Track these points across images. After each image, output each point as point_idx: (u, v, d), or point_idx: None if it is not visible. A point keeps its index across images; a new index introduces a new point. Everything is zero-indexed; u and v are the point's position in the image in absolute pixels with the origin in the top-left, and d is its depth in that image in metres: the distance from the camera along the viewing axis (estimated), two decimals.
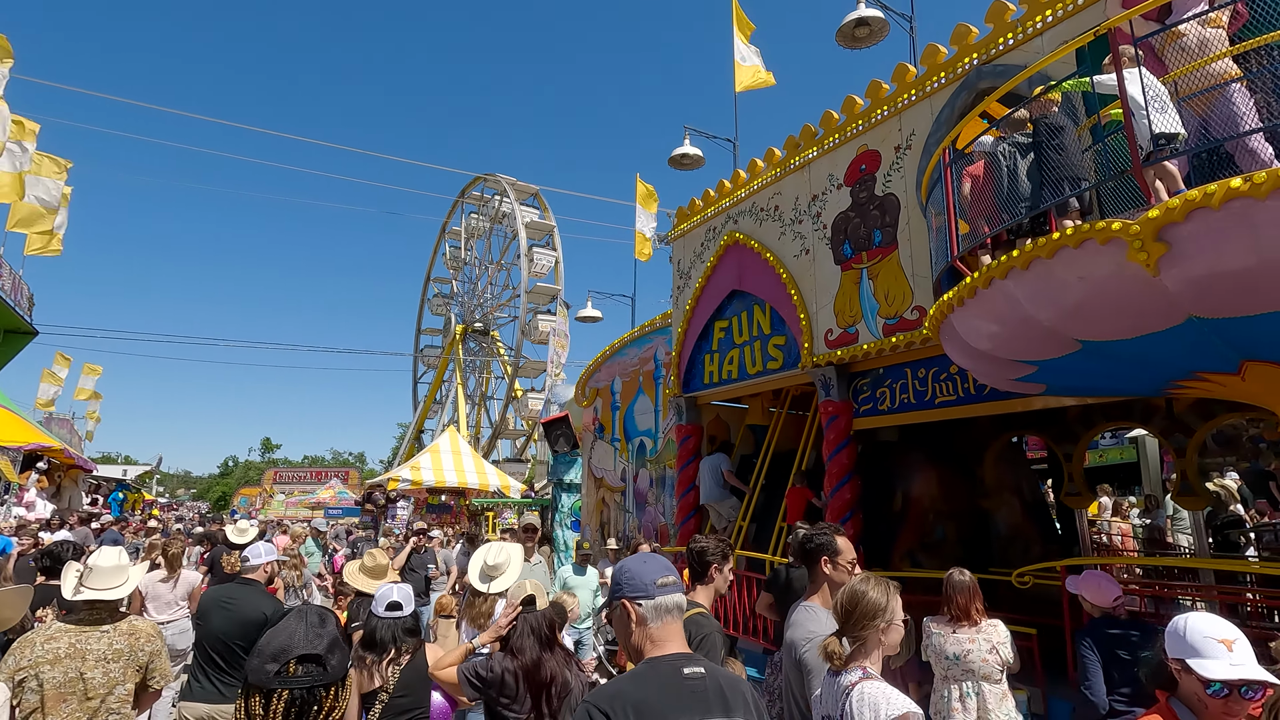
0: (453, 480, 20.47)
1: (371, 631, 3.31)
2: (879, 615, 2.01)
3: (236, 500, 51.38)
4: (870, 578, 2.12)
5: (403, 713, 3.17)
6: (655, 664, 1.71)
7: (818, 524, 2.70)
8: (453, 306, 37.65)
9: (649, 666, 1.71)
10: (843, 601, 2.09)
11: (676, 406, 9.24)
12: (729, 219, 8.61)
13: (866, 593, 2.06)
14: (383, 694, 3.17)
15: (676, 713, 1.60)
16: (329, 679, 1.51)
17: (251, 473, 65.67)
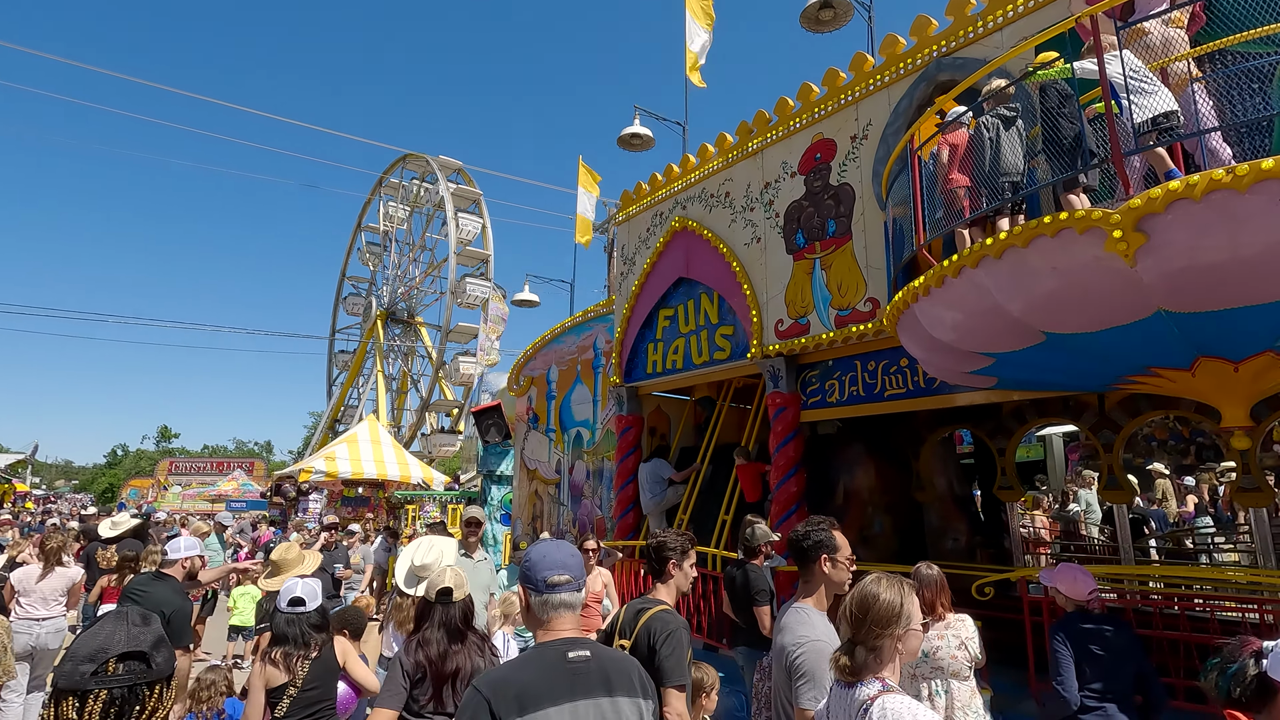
0: (371, 472, 19.44)
1: (279, 627, 3.33)
2: (895, 621, 1.80)
3: (125, 493, 47.42)
4: (882, 578, 1.90)
5: (310, 705, 3.24)
6: (542, 649, 1.78)
7: (811, 518, 2.48)
8: (373, 292, 35.87)
9: (536, 651, 1.79)
10: (852, 607, 1.86)
11: (617, 396, 8.96)
12: (677, 204, 8.38)
13: (879, 595, 1.85)
14: (290, 689, 3.20)
15: (557, 694, 1.67)
16: (153, 676, 1.49)
17: (144, 462, 60.77)
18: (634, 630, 2.54)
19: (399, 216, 35.30)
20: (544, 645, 1.80)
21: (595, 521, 9.49)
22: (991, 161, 3.69)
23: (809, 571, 2.42)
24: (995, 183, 3.75)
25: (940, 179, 4.17)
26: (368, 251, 36.46)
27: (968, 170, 3.94)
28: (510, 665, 1.82)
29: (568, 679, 1.71)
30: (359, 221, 37.50)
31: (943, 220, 4.19)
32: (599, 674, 1.75)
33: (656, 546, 2.76)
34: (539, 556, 1.89)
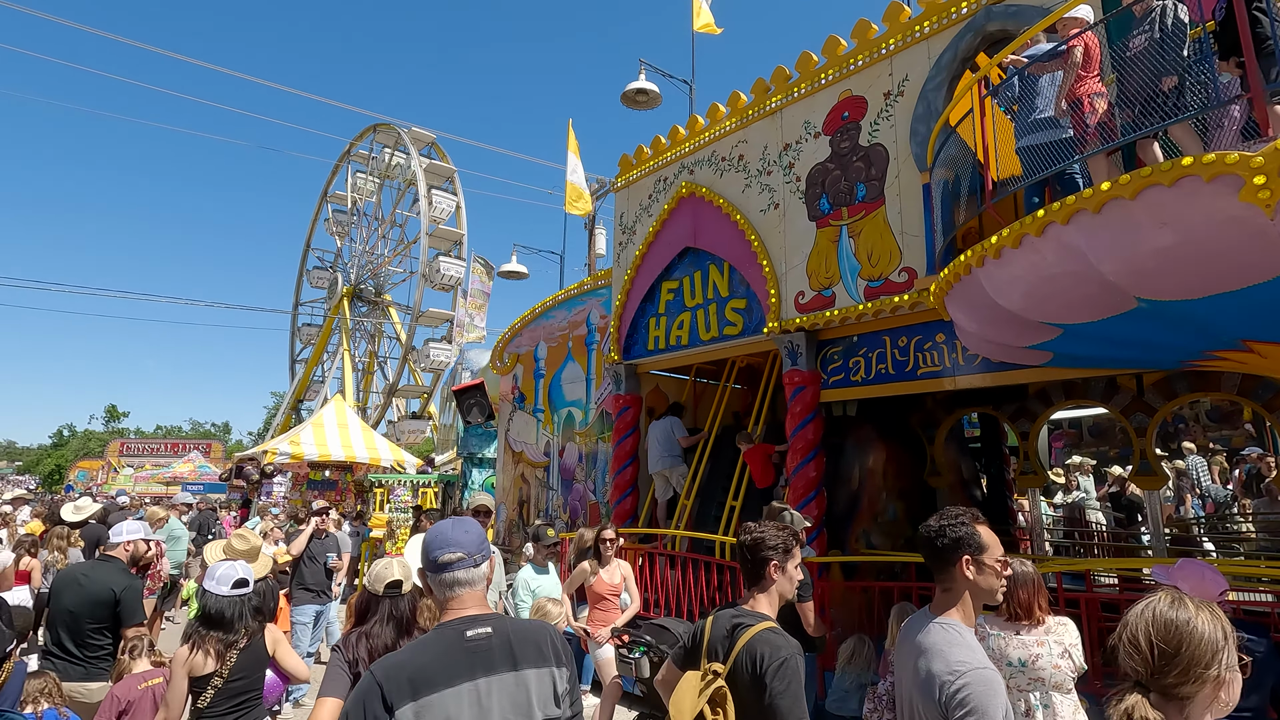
0: (339, 454, 18.54)
1: (219, 611, 3.10)
2: (1216, 659, 1.32)
3: (73, 475, 45.25)
4: (1186, 600, 1.41)
5: (236, 696, 3.05)
6: (442, 629, 1.73)
7: (947, 510, 1.98)
8: (339, 267, 34.42)
9: (436, 632, 1.73)
10: (1151, 638, 1.36)
11: (614, 375, 8.40)
12: (684, 169, 7.81)
13: (1195, 625, 1.35)
14: (216, 679, 3.01)
15: (455, 674, 1.61)
16: None
17: (93, 444, 58.16)
18: (730, 653, 2.03)
19: (368, 189, 33.84)
20: (443, 625, 1.73)
21: (589, 507, 8.96)
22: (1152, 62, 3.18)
23: (948, 577, 1.93)
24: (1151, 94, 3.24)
25: (1060, 96, 3.67)
26: (334, 223, 34.92)
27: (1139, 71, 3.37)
28: (408, 648, 1.73)
29: (466, 658, 1.65)
30: (325, 190, 35.90)
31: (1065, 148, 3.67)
32: (501, 649, 1.69)
33: (752, 544, 2.24)
34: (433, 536, 1.81)
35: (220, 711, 3.02)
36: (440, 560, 1.76)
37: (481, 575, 1.81)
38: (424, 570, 1.82)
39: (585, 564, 5.17)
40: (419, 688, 1.59)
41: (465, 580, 1.77)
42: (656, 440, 7.94)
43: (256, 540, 4.28)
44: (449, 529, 1.83)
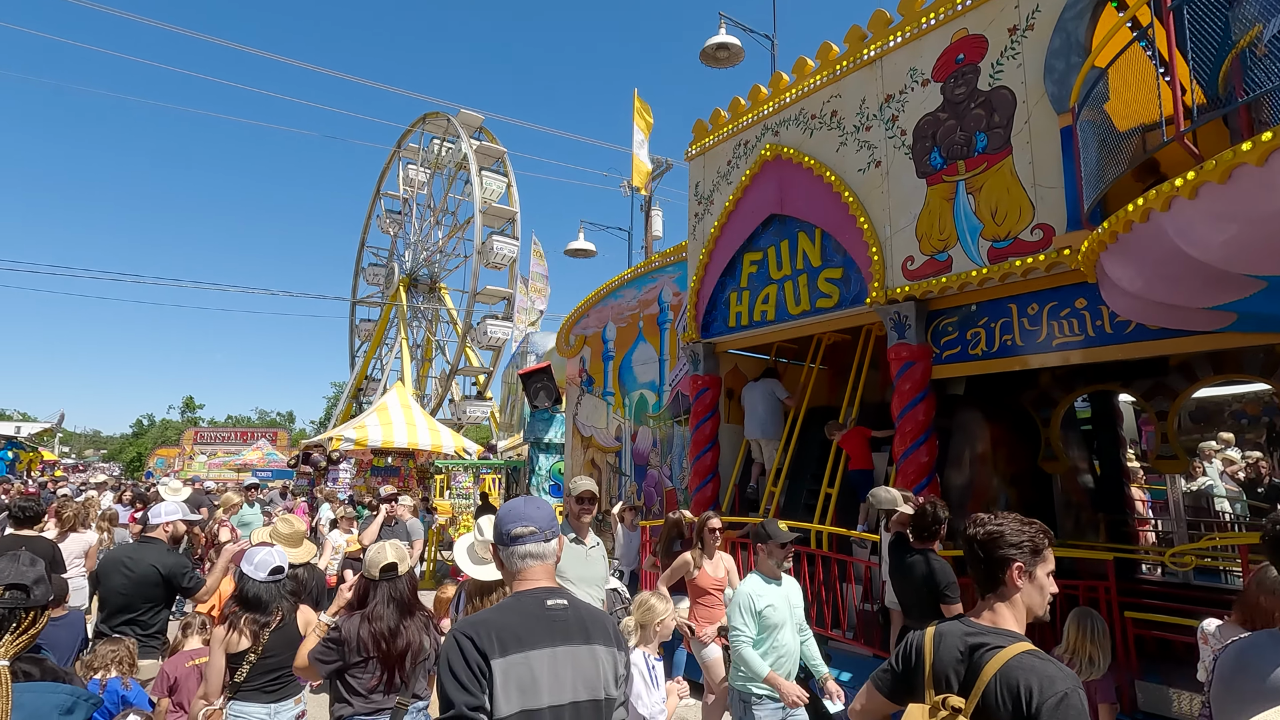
0: (402, 440, 18.70)
1: (255, 594, 3.27)
2: None
3: (153, 461, 47.53)
4: None
5: (270, 672, 3.20)
6: (520, 596, 1.77)
7: None
8: (395, 258, 34.86)
9: (515, 599, 1.78)
10: None
11: (691, 354, 7.93)
12: (767, 130, 7.24)
13: None
14: (250, 655, 3.17)
15: (537, 638, 1.67)
16: (30, 603, 1.91)
17: (169, 432, 61.07)
18: (974, 683, 1.55)
19: (419, 181, 34.09)
20: (521, 594, 1.79)
21: (665, 494, 8.55)
22: None
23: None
24: None
25: None
26: (387, 219, 35.34)
27: None
28: (490, 610, 1.78)
29: (547, 626, 1.70)
30: (378, 188, 36.34)
31: None
32: (576, 623, 1.75)
33: (986, 540, 1.72)
34: (504, 512, 1.90)
35: (256, 686, 3.16)
36: (513, 533, 1.82)
37: (552, 550, 1.86)
38: (496, 544, 1.88)
39: (688, 555, 4.75)
40: (507, 645, 1.63)
41: (537, 554, 1.82)
42: (760, 401, 7.53)
43: (300, 525, 4.40)
44: (521, 505, 1.90)
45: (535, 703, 1.60)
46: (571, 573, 3.69)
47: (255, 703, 3.13)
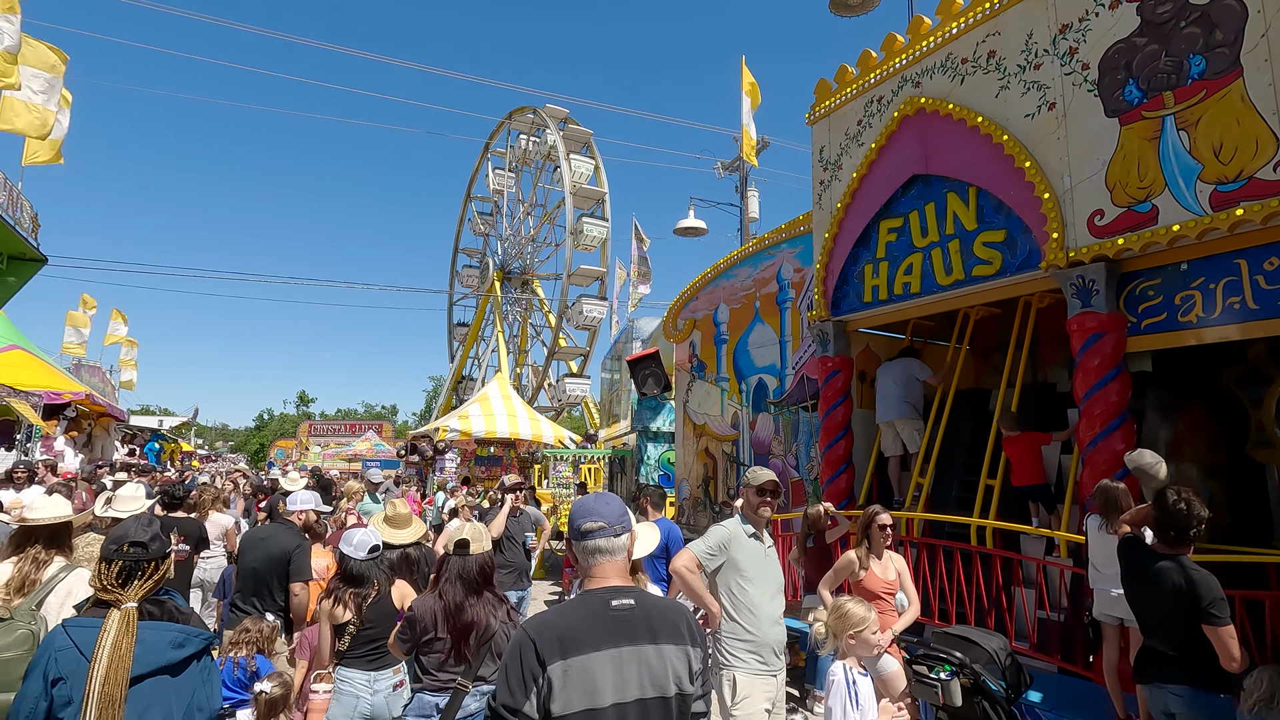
0: (504, 430, 18.91)
1: (353, 570, 3.54)
2: None
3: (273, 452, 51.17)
4: None
5: (370, 643, 3.39)
6: (587, 596, 1.81)
7: None
8: (488, 253, 35.65)
9: (581, 598, 1.81)
10: None
11: (820, 334, 7.31)
12: (905, 82, 6.50)
13: None
14: (351, 626, 3.38)
15: (600, 639, 1.69)
16: (148, 556, 2.22)
17: (287, 425, 65.60)
18: None
19: (507, 181, 34.70)
20: (587, 593, 1.81)
21: (791, 485, 7.99)
22: None
23: None
24: None
25: None
26: (479, 221, 36.18)
27: None
28: (555, 610, 1.81)
29: (610, 626, 1.72)
30: (468, 191, 37.20)
31: None
32: (643, 621, 1.75)
33: None
34: (577, 508, 1.93)
35: (357, 655, 3.37)
36: (582, 529, 1.85)
37: (621, 545, 1.87)
38: (570, 539, 1.92)
39: (852, 555, 4.22)
40: (567, 648, 1.66)
41: (605, 549, 1.84)
42: (893, 383, 6.88)
43: (407, 509, 4.69)
44: (592, 501, 1.92)
45: (598, 702, 1.64)
46: (751, 571, 3.26)
47: (358, 670, 3.35)
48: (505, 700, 1.63)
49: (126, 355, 29.76)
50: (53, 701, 1.99)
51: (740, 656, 3.19)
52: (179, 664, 2.14)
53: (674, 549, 5.09)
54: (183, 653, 2.15)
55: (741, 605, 3.24)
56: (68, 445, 16.68)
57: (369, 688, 3.31)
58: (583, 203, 27.52)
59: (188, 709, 2.14)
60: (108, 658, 2.00)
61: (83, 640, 2.03)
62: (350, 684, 3.30)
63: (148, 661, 2.07)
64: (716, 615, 3.24)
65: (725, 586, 3.29)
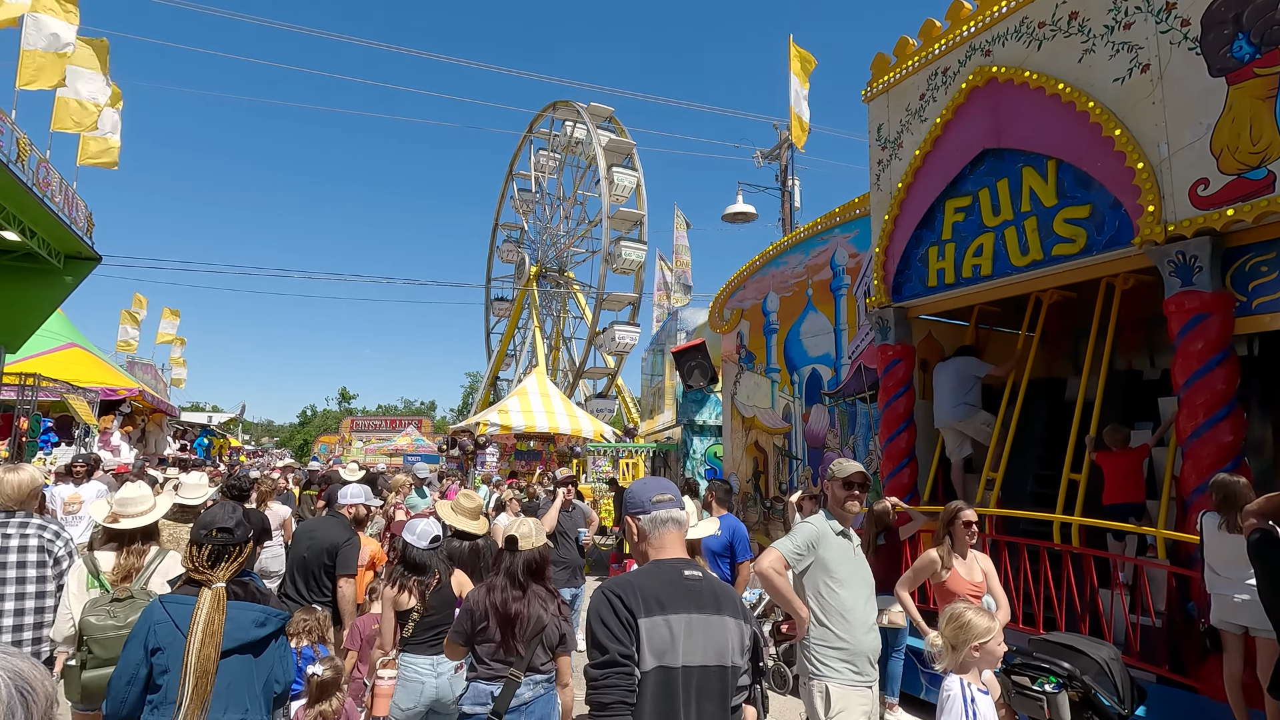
0: (543, 425, 18.89)
1: (418, 559, 3.62)
2: None
3: (317, 447, 52.30)
4: None
5: (431, 629, 3.46)
6: (660, 564, 1.92)
7: None
8: (525, 247, 35.68)
9: (654, 565, 1.92)
10: None
11: (879, 322, 6.96)
12: (973, 51, 6.11)
13: None
14: (414, 613, 3.49)
15: (675, 603, 1.81)
16: (234, 540, 2.40)
17: (329, 421, 67.06)
18: None
19: (550, 166, 34.57)
20: (660, 561, 1.91)
21: None
22: None
23: None
24: None
25: None
26: (519, 200, 36.15)
27: None
28: (632, 574, 1.92)
29: (685, 593, 1.82)
30: (510, 170, 37.19)
31: None
32: (710, 593, 1.86)
33: None
34: (639, 487, 2.05)
35: (420, 641, 3.42)
36: (654, 499, 1.98)
37: (683, 517, 2.00)
38: (634, 513, 2.00)
39: (933, 553, 3.91)
40: (650, 606, 1.77)
41: (676, 519, 1.97)
42: (946, 387, 6.49)
43: (479, 500, 4.57)
44: (653, 481, 2.06)
45: (671, 661, 1.73)
46: (841, 571, 2.99)
47: (421, 655, 3.41)
48: (618, 649, 1.71)
49: (177, 353, 30.63)
50: (151, 669, 2.21)
51: (833, 665, 2.92)
52: (260, 641, 2.33)
53: (739, 546, 4.84)
54: (264, 631, 2.34)
55: (832, 609, 2.99)
56: (123, 440, 17.16)
57: (432, 671, 3.38)
58: (621, 224, 26.95)
59: (266, 681, 2.35)
60: (201, 632, 2.20)
61: (178, 615, 2.24)
62: (414, 669, 3.36)
63: (235, 638, 2.26)
64: (805, 620, 2.98)
65: (813, 589, 3.03)
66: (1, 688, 0.87)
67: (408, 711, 3.31)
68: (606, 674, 1.72)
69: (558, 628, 3.01)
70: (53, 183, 9.50)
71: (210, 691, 2.18)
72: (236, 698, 2.24)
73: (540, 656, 2.94)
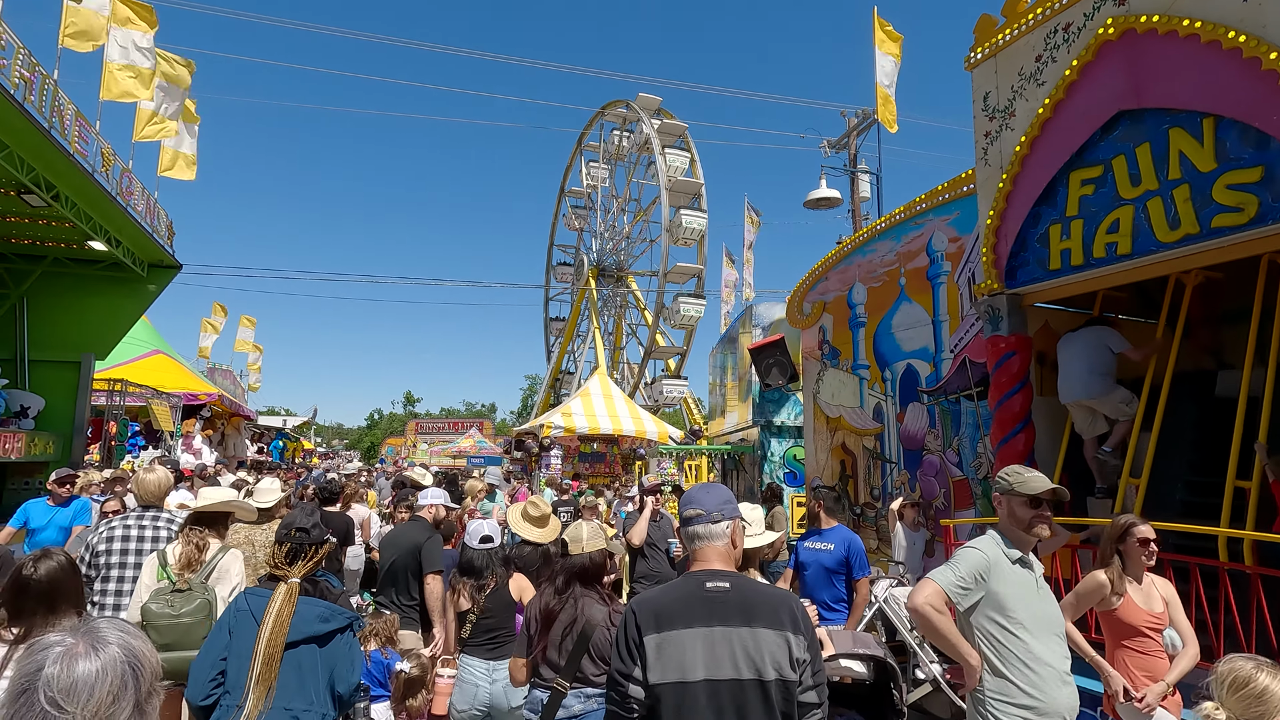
0: (607, 427, 18.62)
1: (468, 560, 3.67)
2: None
3: (384, 450, 53.74)
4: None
5: (489, 631, 3.50)
6: (686, 577, 1.94)
7: None
8: (583, 249, 35.69)
9: (680, 579, 1.96)
10: None
11: (989, 311, 6.29)
12: (1102, 1, 5.40)
13: None
14: (471, 615, 3.53)
15: (691, 618, 1.79)
16: (309, 540, 2.63)
17: (395, 424, 68.94)
18: None
19: (601, 175, 34.55)
20: (686, 575, 1.93)
21: (954, 485, 7.00)
22: None
23: None
24: None
25: None
26: (574, 217, 36.24)
27: None
28: (657, 589, 2.01)
29: (704, 606, 1.80)
30: (562, 187, 37.36)
31: None
32: (737, 604, 1.81)
33: None
34: (684, 497, 2.07)
35: (478, 642, 3.46)
36: (684, 515, 2.00)
37: (720, 531, 1.94)
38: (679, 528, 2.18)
39: (1101, 576, 3.30)
40: (661, 622, 1.79)
41: (702, 535, 1.94)
42: (1078, 358, 5.81)
43: (547, 507, 4.57)
44: (696, 491, 2.04)
45: (688, 676, 1.73)
46: (1020, 609, 2.45)
47: (478, 657, 3.44)
48: (618, 667, 1.80)
49: (254, 360, 31.81)
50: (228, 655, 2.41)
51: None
52: (324, 636, 2.45)
53: (856, 561, 4.33)
54: (327, 626, 2.45)
55: (1012, 657, 2.45)
56: (204, 444, 17.76)
57: (488, 676, 3.38)
58: (679, 198, 26.81)
59: (330, 678, 2.43)
60: (271, 622, 2.38)
61: (256, 606, 2.45)
62: (471, 671, 3.40)
63: (300, 630, 2.40)
64: (977, 669, 2.45)
65: (985, 631, 2.51)
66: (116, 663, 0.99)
67: (464, 713, 3.36)
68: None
69: (609, 636, 2.81)
70: (135, 191, 9.73)
71: (274, 679, 2.30)
72: (301, 689, 2.37)
73: (591, 667, 2.81)
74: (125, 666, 0.99)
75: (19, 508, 5.97)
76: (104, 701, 0.96)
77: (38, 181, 7.91)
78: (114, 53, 9.04)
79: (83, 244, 9.95)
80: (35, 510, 5.82)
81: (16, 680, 0.97)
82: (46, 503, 5.86)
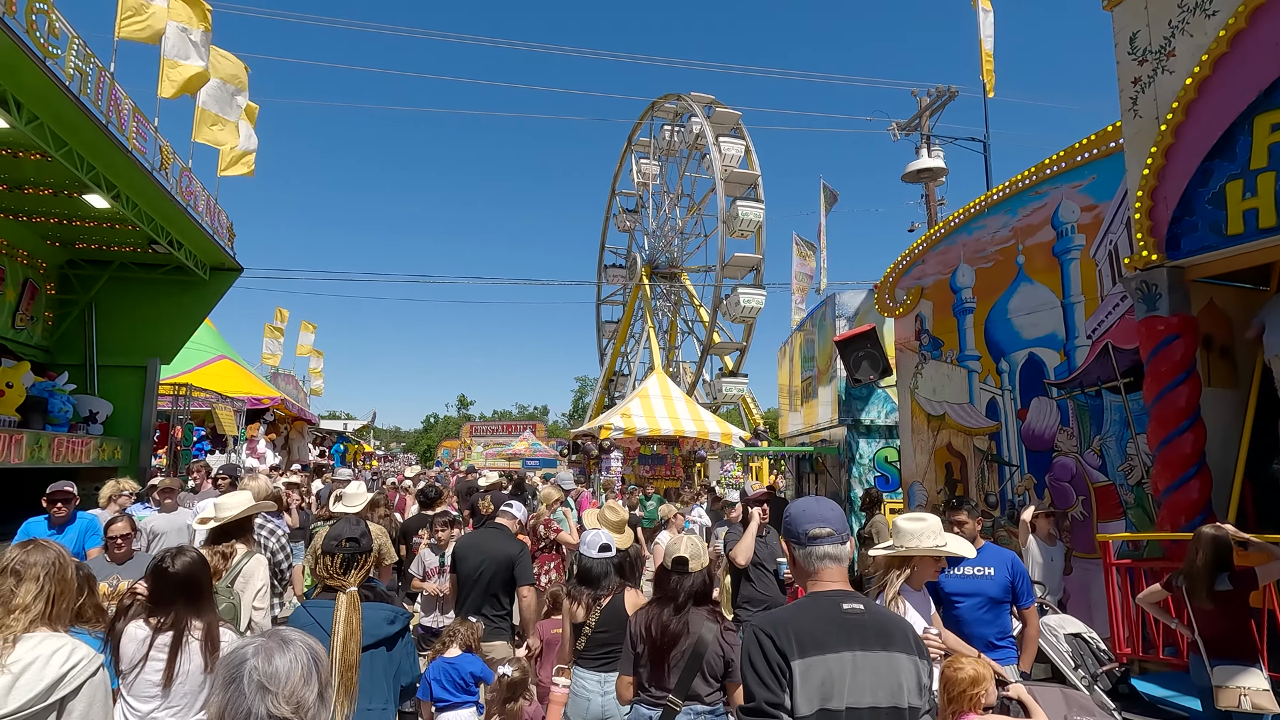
0: (667, 428, 17.92)
1: (586, 569, 3.60)
2: None
3: (440, 452, 54.35)
4: None
5: (603, 645, 3.40)
6: (816, 598, 1.82)
7: None
8: (635, 248, 35.16)
9: (810, 599, 1.83)
10: None
11: (1142, 287, 5.36)
12: None
13: None
14: (586, 627, 3.45)
15: (833, 641, 1.68)
16: (360, 550, 2.62)
17: (450, 427, 69.82)
18: None
19: (652, 172, 33.99)
20: (817, 595, 1.83)
21: (1095, 491, 6.05)
22: None
23: None
24: None
25: None
26: (625, 218, 35.75)
27: None
28: (786, 610, 1.86)
29: (842, 629, 1.71)
30: (613, 187, 36.93)
31: None
32: (874, 627, 1.74)
33: None
34: (798, 511, 1.94)
35: (592, 657, 3.41)
36: (811, 534, 1.86)
37: (846, 553, 1.88)
38: (789, 540, 1.94)
39: None
40: (806, 647, 1.66)
41: (834, 555, 1.85)
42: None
43: (624, 513, 4.54)
44: (814, 505, 1.93)
45: (833, 704, 1.63)
46: None
47: (591, 670, 3.38)
48: (765, 697, 1.64)
49: (315, 364, 32.36)
50: None
51: None
52: (391, 637, 2.57)
53: (1023, 588, 3.56)
54: (394, 628, 2.58)
55: None
56: (268, 448, 17.86)
57: (600, 689, 3.33)
58: (734, 189, 26.03)
59: (396, 674, 2.58)
60: (343, 630, 2.41)
61: (321, 617, 2.46)
62: (583, 683, 3.36)
63: (371, 634, 2.49)
64: None
65: None
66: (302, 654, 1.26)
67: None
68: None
69: (721, 654, 2.78)
70: (195, 191, 9.54)
71: (356, 683, 2.37)
72: (377, 688, 2.50)
73: (702, 686, 2.76)
74: (309, 658, 1.26)
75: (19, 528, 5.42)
76: (298, 684, 1.22)
77: (98, 181, 7.72)
78: (170, 48, 8.86)
79: (146, 248, 9.83)
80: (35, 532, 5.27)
81: (224, 674, 1.21)
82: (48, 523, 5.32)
